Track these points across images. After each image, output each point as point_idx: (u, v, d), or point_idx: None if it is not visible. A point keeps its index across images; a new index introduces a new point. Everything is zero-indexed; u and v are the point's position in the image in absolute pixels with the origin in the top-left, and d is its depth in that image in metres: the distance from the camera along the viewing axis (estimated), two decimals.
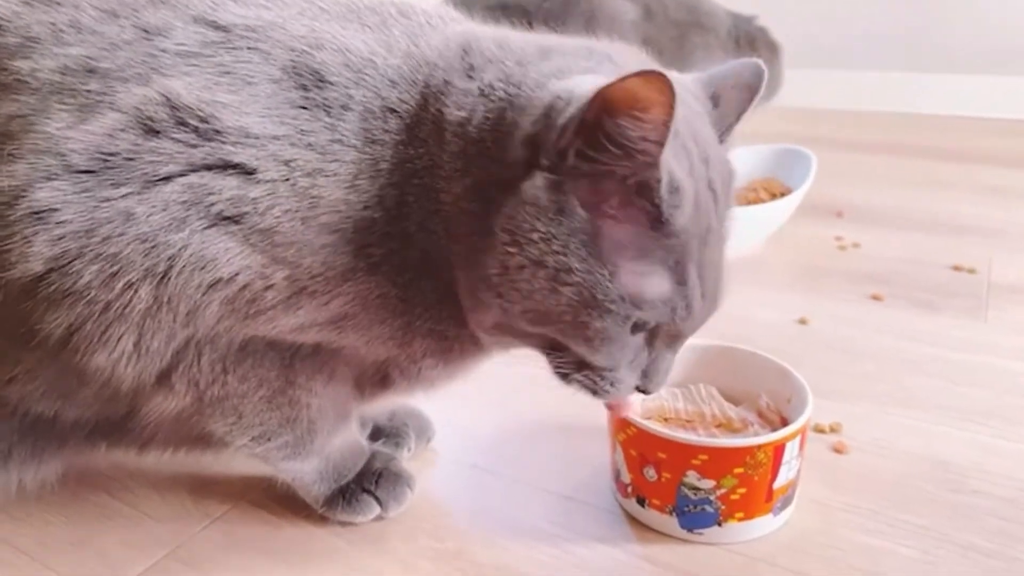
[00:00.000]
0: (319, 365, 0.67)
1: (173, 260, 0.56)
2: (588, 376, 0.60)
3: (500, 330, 0.60)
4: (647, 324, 0.58)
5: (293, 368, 0.66)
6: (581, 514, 0.76)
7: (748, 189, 1.45)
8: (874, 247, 1.40)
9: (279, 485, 0.75)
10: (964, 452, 0.83)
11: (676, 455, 0.69)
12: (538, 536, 0.73)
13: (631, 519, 0.75)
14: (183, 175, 0.56)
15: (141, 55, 0.58)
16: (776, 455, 0.68)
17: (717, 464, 0.68)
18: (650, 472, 0.71)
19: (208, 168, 0.56)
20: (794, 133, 1.81)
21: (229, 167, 0.57)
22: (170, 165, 0.56)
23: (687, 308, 0.57)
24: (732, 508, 0.69)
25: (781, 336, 1.09)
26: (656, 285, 0.55)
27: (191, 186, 0.56)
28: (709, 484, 0.68)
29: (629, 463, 0.73)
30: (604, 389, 0.60)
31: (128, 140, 0.56)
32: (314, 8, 0.63)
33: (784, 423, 0.74)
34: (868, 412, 0.90)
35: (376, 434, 0.83)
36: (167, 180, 0.56)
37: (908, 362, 1.01)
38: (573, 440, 0.86)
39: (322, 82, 0.59)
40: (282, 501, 0.77)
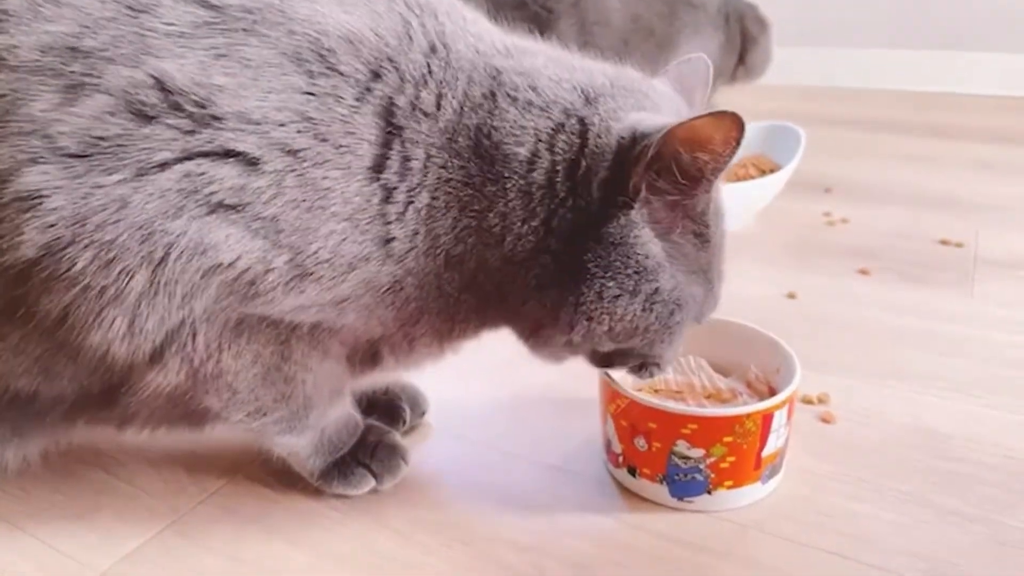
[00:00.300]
0: (315, 342, 0.67)
1: (171, 247, 0.55)
2: (647, 370, 0.70)
3: (570, 347, 0.66)
4: (694, 320, 0.67)
5: (289, 345, 0.66)
6: (573, 484, 0.77)
7: (738, 166, 1.46)
8: (862, 222, 1.41)
9: (274, 459, 0.76)
10: (949, 421, 0.84)
11: (666, 425, 0.70)
12: (531, 506, 0.74)
13: (622, 488, 0.76)
14: (179, 162, 0.55)
15: (127, 34, 0.56)
16: (764, 424, 0.69)
17: (706, 433, 0.69)
18: (640, 442, 0.72)
19: (205, 155, 0.55)
20: (783, 110, 1.82)
21: (229, 155, 0.56)
22: (164, 152, 0.55)
23: (714, 303, 0.68)
24: (721, 476, 0.71)
25: (770, 310, 1.10)
26: (701, 291, 0.65)
27: (188, 174, 0.55)
28: (699, 453, 0.69)
29: (620, 433, 0.74)
30: (655, 374, 0.71)
31: (119, 125, 0.54)
32: None
33: (772, 393, 0.76)
34: (855, 383, 0.91)
35: (370, 408, 0.83)
36: (162, 167, 0.55)
37: (895, 334, 1.03)
38: (564, 412, 0.87)
39: (331, 70, 0.57)
40: (278, 475, 0.77)
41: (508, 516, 0.73)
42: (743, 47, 1.87)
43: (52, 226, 0.54)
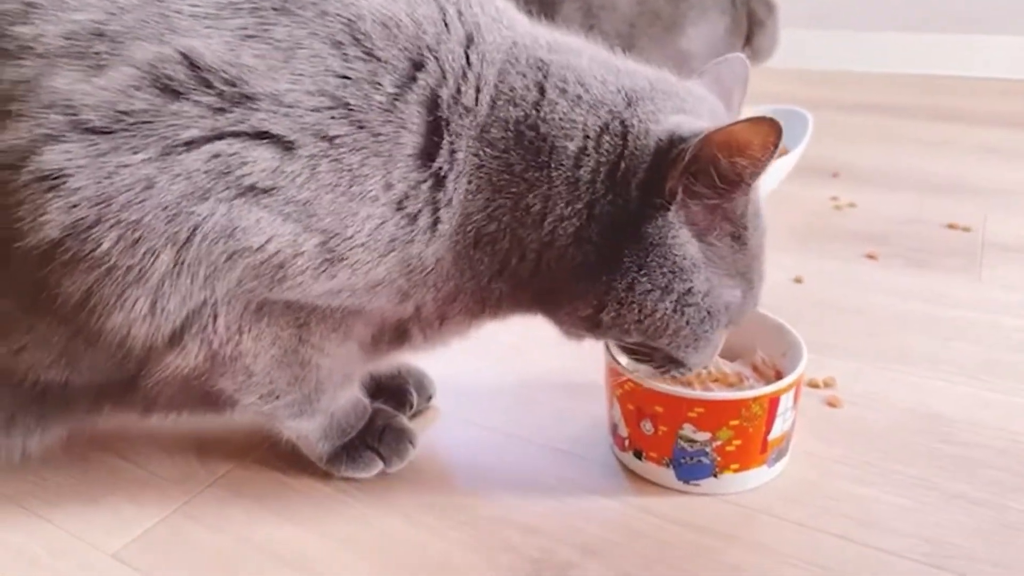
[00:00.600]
0: (335, 324, 0.67)
1: (196, 228, 0.55)
2: (669, 370, 0.69)
3: (599, 329, 0.65)
4: (732, 322, 0.67)
5: (308, 327, 0.66)
6: (579, 467, 0.78)
7: None
8: (869, 207, 1.41)
9: (283, 443, 0.76)
10: (956, 405, 0.84)
11: (672, 408, 0.70)
12: (537, 489, 0.75)
13: (628, 471, 0.76)
14: (208, 141, 0.54)
15: (152, 16, 0.55)
16: (771, 407, 0.70)
17: (713, 417, 0.69)
18: (647, 425, 0.72)
19: (235, 136, 0.54)
20: (790, 94, 1.82)
21: (262, 137, 0.55)
22: (193, 130, 0.54)
23: (754, 304, 0.68)
24: (728, 460, 0.71)
25: (777, 294, 1.08)
26: (739, 292, 0.65)
27: (217, 154, 0.54)
28: (705, 436, 0.70)
29: (626, 417, 0.74)
30: (680, 374, 0.70)
31: (145, 99, 0.53)
32: None
33: (779, 377, 0.76)
34: (861, 367, 0.91)
35: (377, 392, 0.84)
36: (189, 146, 0.54)
37: (901, 319, 1.03)
38: (570, 395, 0.87)
39: (368, 55, 0.57)
40: (286, 459, 0.78)
41: (515, 499, 0.74)
42: (750, 30, 1.86)
43: (75, 206, 0.53)
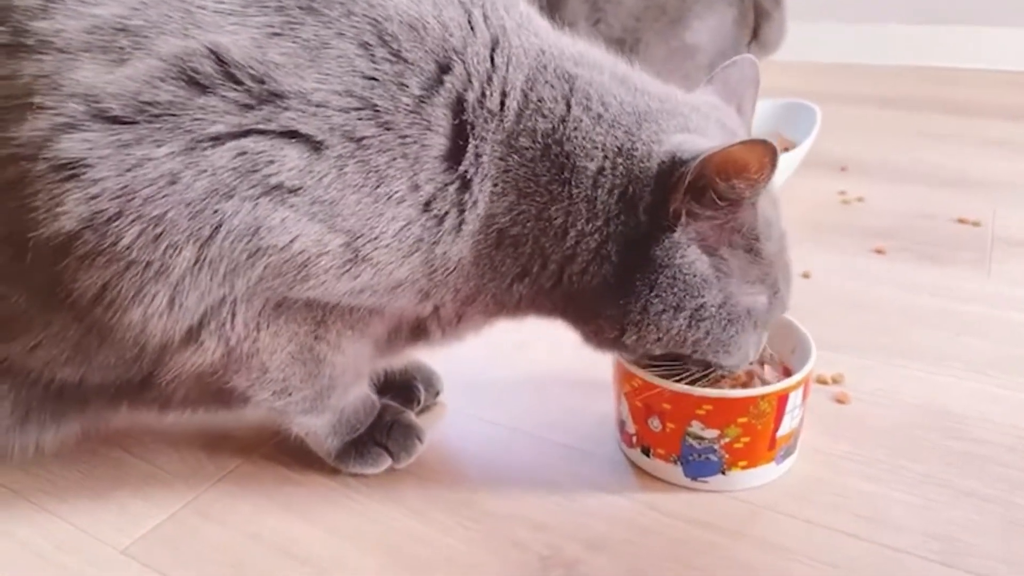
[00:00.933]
0: (353, 322, 0.67)
1: (220, 226, 0.54)
2: (708, 374, 0.69)
3: (625, 349, 0.67)
4: (761, 324, 0.68)
5: (326, 324, 0.66)
6: (587, 464, 0.78)
7: None
8: (878, 201, 1.40)
9: (292, 439, 0.77)
10: (965, 402, 0.84)
11: (680, 406, 0.70)
12: (545, 485, 0.75)
13: (636, 468, 0.76)
14: (234, 138, 0.53)
15: (176, 12, 0.55)
16: (779, 405, 0.69)
17: (721, 414, 0.69)
18: (655, 422, 0.72)
19: (262, 134, 0.54)
20: (798, 87, 1.80)
21: (291, 136, 0.54)
22: (219, 125, 0.53)
23: (782, 306, 0.69)
24: (736, 457, 0.71)
25: None
26: (763, 298, 0.66)
27: (244, 152, 0.53)
28: (713, 433, 0.70)
29: (634, 414, 0.74)
30: (720, 376, 0.70)
31: (170, 91, 0.53)
32: None
33: (787, 374, 0.75)
34: (870, 363, 0.91)
35: (385, 388, 0.84)
36: (215, 141, 0.53)
37: (910, 314, 1.02)
38: (578, 392, 0.87)
39: (396, 57, 0.56)
40: (295, 454, 0.78)
41: (522, 495, 0.74)
42: (756, 22, 1.84)
43: (95, 198, 0.52)
